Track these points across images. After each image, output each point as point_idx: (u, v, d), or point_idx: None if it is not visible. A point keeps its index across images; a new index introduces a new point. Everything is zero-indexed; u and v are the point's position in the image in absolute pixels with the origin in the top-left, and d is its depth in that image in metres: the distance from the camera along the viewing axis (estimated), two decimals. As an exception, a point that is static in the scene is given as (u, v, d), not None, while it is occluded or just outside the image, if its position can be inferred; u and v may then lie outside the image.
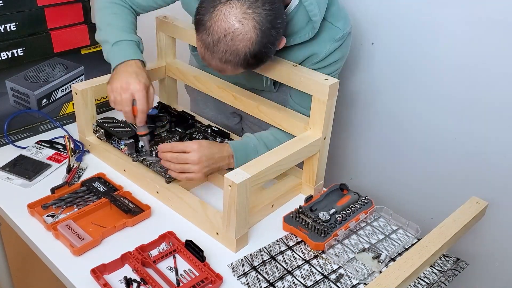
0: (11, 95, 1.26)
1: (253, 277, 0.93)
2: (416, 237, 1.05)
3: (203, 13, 0.94)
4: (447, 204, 1.14)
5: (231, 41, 0.93)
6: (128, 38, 1.14)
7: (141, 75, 1.09)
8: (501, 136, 1.22)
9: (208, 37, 0.94)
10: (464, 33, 1.20)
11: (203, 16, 0.94)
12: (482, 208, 1.03)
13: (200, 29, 0.96)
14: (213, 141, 1.20)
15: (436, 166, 1.37)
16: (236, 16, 0.92)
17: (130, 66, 1.10)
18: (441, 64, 1.26)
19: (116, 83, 1.08)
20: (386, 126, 1.44)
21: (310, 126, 1.09)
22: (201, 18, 0.95)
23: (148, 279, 0.89)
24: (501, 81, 1.17)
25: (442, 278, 0.96)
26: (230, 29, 0.92)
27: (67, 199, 1.07)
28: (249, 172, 0.93)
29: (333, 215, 1.06)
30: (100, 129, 1.23)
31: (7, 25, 1.18)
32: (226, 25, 0.92)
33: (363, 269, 0.96)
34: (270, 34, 0.95)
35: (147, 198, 1.12)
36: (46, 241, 0.98)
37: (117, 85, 1.08)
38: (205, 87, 1.30)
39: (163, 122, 1.27)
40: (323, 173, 1.16)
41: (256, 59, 0.97)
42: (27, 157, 1.22)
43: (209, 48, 0.95)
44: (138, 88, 1.07)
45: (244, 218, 0.96)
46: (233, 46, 0.93)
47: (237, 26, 0.92)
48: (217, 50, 0.95)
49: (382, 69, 1.38)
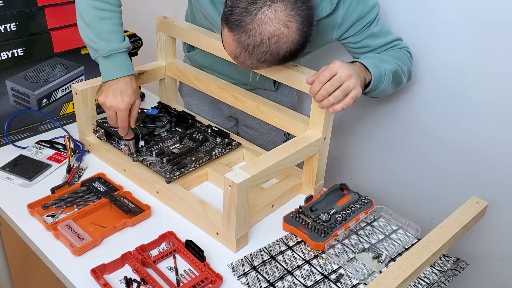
0: (11, 95, 1.26)
1: (253, 277, 0.93)
2: (416, 237, 1.05)
3: (243, 15, 0.91)
4: (447, 204, 1.14)
5: (275, 43, 0.92)
6: (119, 49, 1.11)
7: (125, 93, 1.11)
8: (501, 136, 1.22)
9: (248, 39, 0.92)
10: (464, 33, 1.20)
11: (243, 18, 0.91)
12: (482, 208, 1.03)
13: (237, 29, 0.93)
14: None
15: (436, 166, 1.37)
16: (281, 19, 0.90)
17: (117, 84, 1.11)
18: (441, 64, 1.26)
19: (103, 98, 1.11)
20: (386, 126, 1.44)
21: (310, 126, 1.09)
22: (240, 19, 0.92)
23: (148, 279, 0.89)
24: (502, 81, 1.17)
25: (442, 278, 0.96)
26: (276, 32, 0.91)
27: (67, 199, 1.07)
28: (249, 172, 0.93)
29: (333, 215, 1.06)
30: (100, 129, 1.23)
31: (7, 25, 1.18)
32: (271, 28, 0.91)
33: (363, 269, 0.96)
34: (309, 33, 0.95)
35: (147, 198, 1.12)
36: (46, 241, 0.98)
37: (104, 101, 1.11)
38: (205, 87, 1.30)
39: (163, 122, 1.27)
40: (323, 173, 1.16)
41: (293, 56, 0.97)
42: (27, 157, 1.22)
43: (247, 49, 0.94)
44: (120, 108, 1.10)
45: (244, 218, 0.96)
46: (276, 48, 0.93)
47: (283, 30, 0.91)
48: (257, 52, 0.93)
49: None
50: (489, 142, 1.24)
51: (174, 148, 1.21)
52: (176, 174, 1.12)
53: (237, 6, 0.92)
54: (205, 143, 1.24)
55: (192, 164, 1.16)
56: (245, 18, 0.91)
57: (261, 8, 0.90)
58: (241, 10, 0.92)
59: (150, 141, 1.22)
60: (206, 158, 1.18)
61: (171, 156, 1.16)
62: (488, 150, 1.25)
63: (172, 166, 1.13)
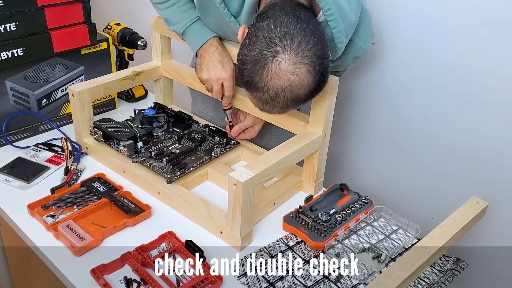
0: (11, 95, 1.26)
1: (253, 277, 0.93)
2: (416, 237, 1.05)
3: (251, 75, 0.91)
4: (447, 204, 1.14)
5: (291, 92, 0.90)
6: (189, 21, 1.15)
7: (224, 61, 1.13)
8: (501, 136, 1.22)
9: (263, 94, 0.92)
10: (465, 33, 1.20)
11: (252, 78, 0.91)
12: (482, 208, 1.03)
13: (252, 88, 0.93)
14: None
15: (436, 166, 1.37)
16: (287, 70, 0.88)
17: (212, 54, 1.13)
18: (441, 64, 1.26)
19: (206, 75, 1.14)
20: (386, 126, 1.44)
21: (311, 124, 1.09)
22: (249, 80, 0.91)
23: (148, 279, 0.89)
24: (502, 81, 1.17)
25: (442, 278, 0.96)
26: (286, 83, 0.89)
27: (67, 199, 1.07)
28: (253, 170, 0.93)
29: (333, 215, 1.06)
30: (98, 131, 1.22)
31: (7, 25, 1.18)
32: (281, 82, 0.89)
33: (363, 269, 0.96)
34: (324, 67, 0.92)
35: (147, 198, 1.12)
36: (46, 241, 0.98)
37: (208, 77, 1.14)
38: (202, 87, 1.29)
39: (160, 123, 1.27)
40: (323, 171, 1.16)
41: (316, 92, 0.95)
42: (26, 159, 1.22)
43: (267, 102, 0.93)
44: (226, 78, 1.13)
45: (248, 216, 0.97)
46: (293, 95, 0.91)
47: (293, 79, 0.89)
48: (277, 103, 0.92)
49: (383, 69, 1.38)
50: (489, 142, 1.24)
51: (173, 148, 1.21)
52: (177, 174, 1.12)
53: (244, 68, 0.92)
54: (204, 143, 1.24)
55: (192, 164, 1.16)
56: (254, 79, 0.91)
57: (265, 65, 0.89)
58: (248, 72, 0.91)
59: (149, 142, 1.22)
60: (206, 158, 1.18)
61: (171, 157, 1.16)
62: (488, 150, 1.25)
63: (172, 167, 1.13)
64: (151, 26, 1.33)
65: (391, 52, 1.34)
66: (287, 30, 0.88)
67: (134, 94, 1.55)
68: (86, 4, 1.30)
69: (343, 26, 0.98)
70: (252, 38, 0.91)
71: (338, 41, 1.00)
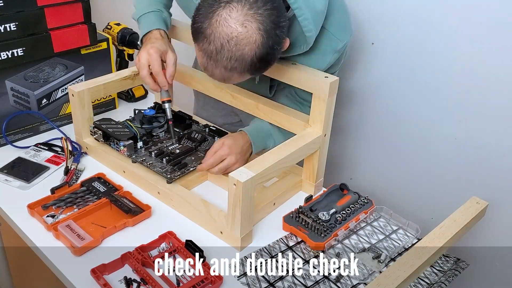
0: (11, 95, 1.26)
1: (253, 277, 0.93)
2: (416, 237, 1.05)
3: (201, 21, 0.90)
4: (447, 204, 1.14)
5: (236, 46, 0.88)
6: (150, 10, 1.18)
7: (158, 42, 1.12)
8: (501, 136, 1.22)
9: (209, 45, 0.90)
10: (464, 34, 1.20)
11: (202, 24, 0.90)
12: (482, 208, 1.03)
13: (199, 37, 0.92)
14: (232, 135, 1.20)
15: (436, 166, 1.37)
16: (237, 19, 0.87)
17: (149, 38, 1.14)
18: (441, 65, 1.26)
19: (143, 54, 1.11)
20: (386, 126, 1.44)
21: (310, 124, 1.09)
22: (199, 26, 0.91)
23: (148, 279, 0.89)
24: (502, 81, 1.17)
25: (442, 278, 0.96)
26: (233, 33, 0.88)
27: (67, 199, 1.07)
28: (253, 170, 0.93)
29: (333, 215, 1.06)
30: (98, 131, 1.22)
31: (7, 25, 1.18)
32: (228, 30, 0.88)
33: (363, 269, 0.96)
34: (275, 34, 0.91)
35: (147, 198, 1.12)
36: (46, 241, 0.98)
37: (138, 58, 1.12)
38: (202, 87, 1.30)
39: (160, 123, 1.27)
40: (323, 170, 1.16)
41: (263, 62, 0.93)
42: (26, 159, 1.22)
43: (211, 57, 0.91)
44: (150, 52, 1.10)
45: (249, 216, 0.97)
46: (238, 51, 0.89)
47: (240, 30, 0.88)
48: (221, 58, 0.90)
49: (382, 69, 1.38)
50: (489, 142, 1.24)
51: (173, 148, 1.21)
52: (177, 174, 1.12)
53: (197, 14, 0.92)
54: (203, 143, 1.24)
55: (192, 164, 1.16)
56: (204, 24, 0.90)
57: (216, 10, 0.88)
58: (200, 17, 0.91)
59: (149, 142, 1.22)
60: (206, 158, 1.18)
61: (171, 157, 1.16)
62: (488, 150, 1.25)
63: (172, 167, 1.13)
64: (151, 26, 1.33)
65: (392, 52, 1.34)
66: None
67: (134, 94, 1.56)
68: (86, 4, 1.30)
69: (310, 14, 0.97)
70: None
71: (306, 30, 0.98)
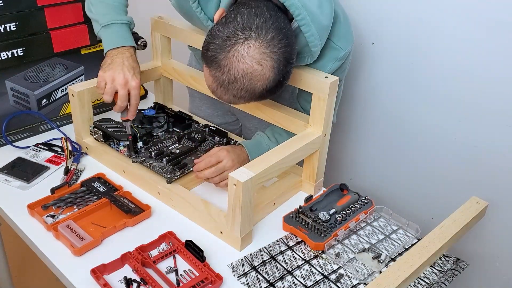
0: (11, 95, 1.26)
1: (253, 277, 0.93)
2: (416, 237, 1.05)
3: (217, 51, 0.91)
4: (447, 204, 1.14)
5: (249, 81, 0.91)
6: (119, 20, 1.14)
7: (137, 70, 1.12)
8: (501, 136, 1.22)
9: (222, 75, 0.92)
10: (464, 34, 1.20)
11: (217, 55, 0.91)
12: (482, 208, 1.03)
13: (212, 65, 0.93)
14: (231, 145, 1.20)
15: (436, 166, 1.37)
16: (254, 57, 0.89)
17: (126, 59, 1.11)
18: (441, 65, 1.26)
19: (111, 73, 1.09)
20: (386, 126, 1.44)
21: (311, 124, 1.09)
22: (214, 55, 0.92)
23: (148, 279, 0.89)
24: (502, 81, 1.17)
25: (442, 278, 0.96)
26: (249, 70, 0.90)
27: (67, 199, 1.07)
28: (253, 170, 0.93)
29: (333, 215, 1.06)
30: (98, 131, 1.22)
31: (7, 25, 1.18)
32: (244, 66, 0.90)
33: (363, 269, 0.96)
34: (287, 71, 0.94)
35: (147, 198, 1.12)
36: (46, 241, 0.98)
37: (113, 77, 1.08)
38: (202, 87, 1.29)
39: (160, 123, 1.27)
40: (323, 170, 1.16)
41: (271, 92, 0.96)
42: (26, 159, 1.22)
43: (223, 85, 0.93)
44: (134, 86, 1.09)
45: (249, 216, 0.97)
46: (250, 85, 0.92)
47: (256, 67, 0.90)
48: (232, 88, 0.93)
49: (383, 70, 1.38)
50: (489, 142, 1.24)
51: (173, 148, 1.21)
52: (177, 174, 1.12)
53: (213, 42, 0.92)
54: (203, 143, 1.24)
55: (192, 164, 1.16)
56: (219, 55, 0.91)
57: (234, 45, 0.90)
58: (216, 47, 0.91)
59: (149, 142, 1.22)
60: (206, 158, 1.18)
61: (171, 157, 1.16)
62: (488, 150, 1.25)
63: (172, 167, 1.13)
64: (151, 26, 1.33)
65: (392, 52, 1.34)
66: (265, 22, 0.90)
67: (134, 94, 1.55)
68: (86, 4, 1.30)
69: (316, 30, 0.99)
70: (230, 17, 0.92)
71: (312, 45, 1.00)
